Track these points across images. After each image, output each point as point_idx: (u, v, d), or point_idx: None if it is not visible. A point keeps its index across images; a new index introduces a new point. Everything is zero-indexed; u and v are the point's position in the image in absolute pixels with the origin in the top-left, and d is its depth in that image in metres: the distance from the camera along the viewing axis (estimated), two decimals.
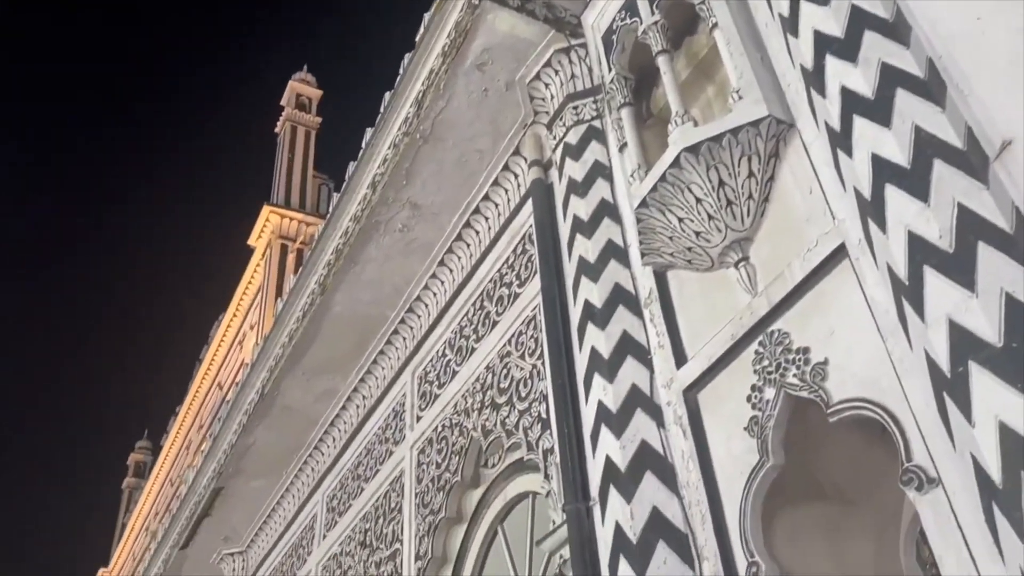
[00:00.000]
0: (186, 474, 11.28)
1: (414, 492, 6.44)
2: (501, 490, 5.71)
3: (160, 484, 19.17)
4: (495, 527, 5.75)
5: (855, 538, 3.47)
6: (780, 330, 3.41)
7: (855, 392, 3.00)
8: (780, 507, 3.40)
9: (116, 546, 23.34)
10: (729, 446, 3.51)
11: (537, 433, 5.01)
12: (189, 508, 9.72)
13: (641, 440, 3.89)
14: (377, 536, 6.84)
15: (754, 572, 3.20)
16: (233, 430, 8.68)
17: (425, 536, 6.04)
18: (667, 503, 3.68)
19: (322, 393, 8.05)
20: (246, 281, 15.92)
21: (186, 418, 18.22)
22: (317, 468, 8.53)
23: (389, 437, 7.25)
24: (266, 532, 9.43)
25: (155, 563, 10.95)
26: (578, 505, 4.15)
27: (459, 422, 6.08)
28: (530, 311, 5.54)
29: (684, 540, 3.57)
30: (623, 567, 3.61)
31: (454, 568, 5.89)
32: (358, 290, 7.10)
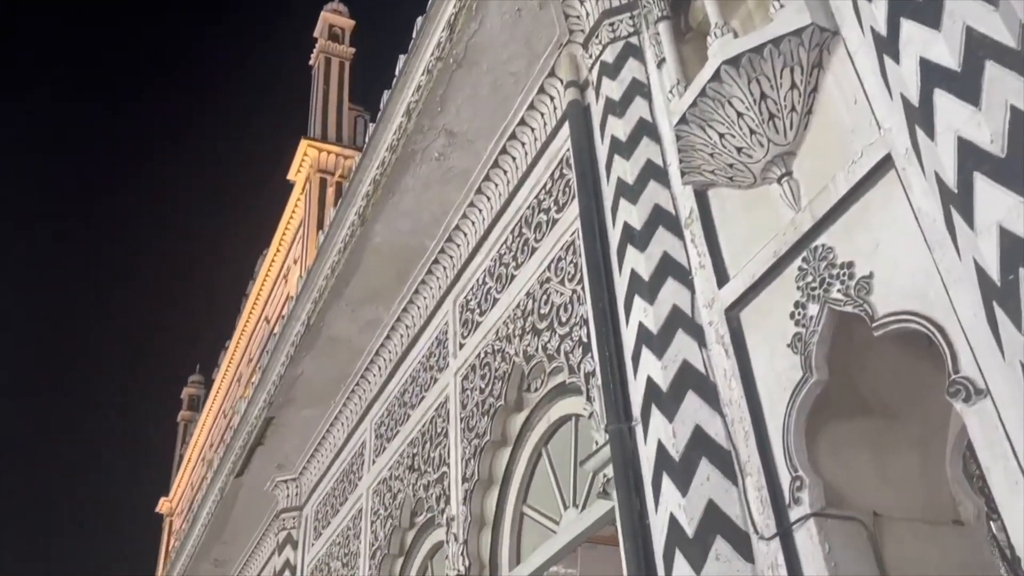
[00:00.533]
0: (238, 405, 11.60)
1: (459, 417, 6.55)
2: (544, 413, 5.78)
3: (214, 416, 19.78)
4: (539, 449, 5.84)
5: (900, 452, 3.46)
6: (824, 245, 3.35)
7: (901, 305, 2.95)
8: (824, 422, 3.40)
9: (175, 476, 24.28)
10: (772, 363, 3.49)
11: (578, 357, 5.04)
12: (242, 438, 10.02)
13: (683, 360, 3.89)
14: (425, 460, 7.00)
15: (798, 486, 3.22)
16: (281, 362, 8.87)
17: (471, 459, 6.17)
18: (709, 421, 3.70)
19: (366, 323, 8.16)
20: (288, 216, 16.06)
21: (235, 352, 18.67)
22: (364, 397, 8.71)
23: (433, 365, 7.35)
24: (317, 459, 9.70)
25: (212, 491, 11.37)
26: (620, 426, 4.19)
27: (501, 348, 6.13)
28: (569, 236, 5.51)
29: (727, 457, 3.59)
30: (666, 484, 3.66)
31: (500, 489, 6.01)
32: (397, 220, 7.12)
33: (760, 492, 3.38)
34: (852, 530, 3.16)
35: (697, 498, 3.50)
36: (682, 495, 3.55)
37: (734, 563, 3.33)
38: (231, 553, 12.22)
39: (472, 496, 6.03)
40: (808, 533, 3.14)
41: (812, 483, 3.19)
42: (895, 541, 3.21)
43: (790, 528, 3.21)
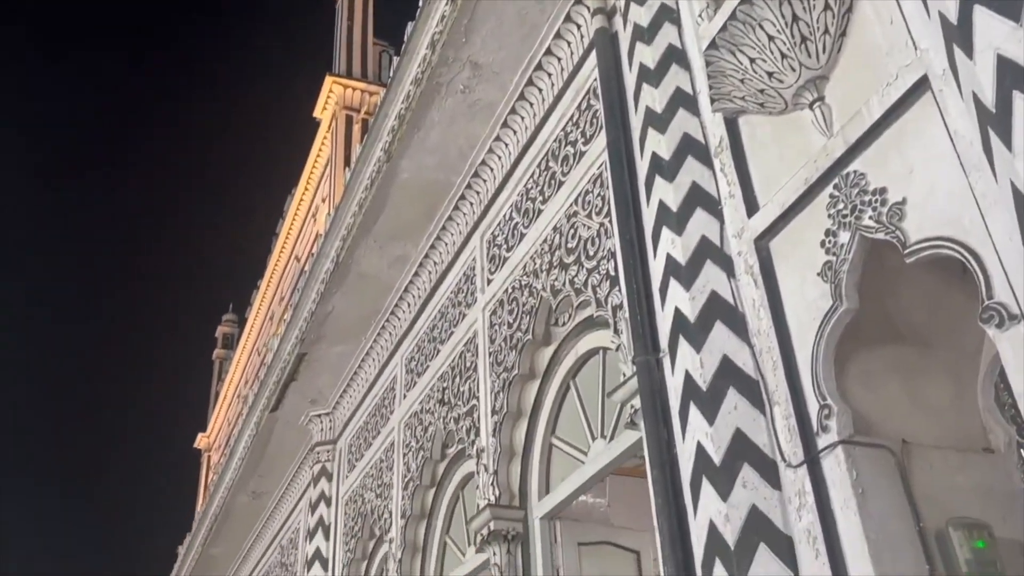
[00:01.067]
0: (271, 343, 11.78)
1: (488, 351, 6.61)
2: (572, 347, 5.81)
3: (247, 354, 20.13)
4: (567, 382, 5.88)
5: (931, 380, 3.44)
6: (856, 171, 3.28)
7: (934, 231, 2.90)
8: (853, 351, 3.38)
9: (211, 413, 24.86)
10: (802, 292, 3.46)
11: (606, 290, 5.03)
12: (276, 374, 10.20)
13: (711, 291, 3.86)
14: (455, 394, 7.09)
15: (826, 414, 3.22)
16: (312, 299, 8.96)
17: (500, 392, 6.23)
18: (737, 351, 3.69)
19: (395, 260, 8.19)
20: (314, 154, 16.04)
21: (267, 291, 18.88)
22: (394, 333, 8.79)
23: (461, 300, 7.39)
24: (350, 394, 9.86)
25: (248, 426, 11.63)
26: (648, 357, 4.20)
27: (528, 283, 6.13)
28: (596, 169, 5.45)
29: (755, 386, 3.59)
30: (693, 414, 3.67)
31: (529, 421, 6.09)
32: (423, 156, 7.09)
33: (788, 421, 3.39)
34: (880, 457, 3.17)
35: (724, 427, 3.52)
36: (709, 424, 3.56)
37: (761, 490, 3.35)
38: (268, 485, 12.55)
39: (501, 428, 6.12)
40: (836, 460, 3.15)
41: (840, 411, 3.19)
42: (924, 468, 3.21)
43: (818, 456, 3.22)
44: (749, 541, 3.26)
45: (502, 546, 5.70)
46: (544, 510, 5.71)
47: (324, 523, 9.88)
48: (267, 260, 19.26)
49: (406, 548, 7.50)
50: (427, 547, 7.48)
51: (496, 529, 5.74)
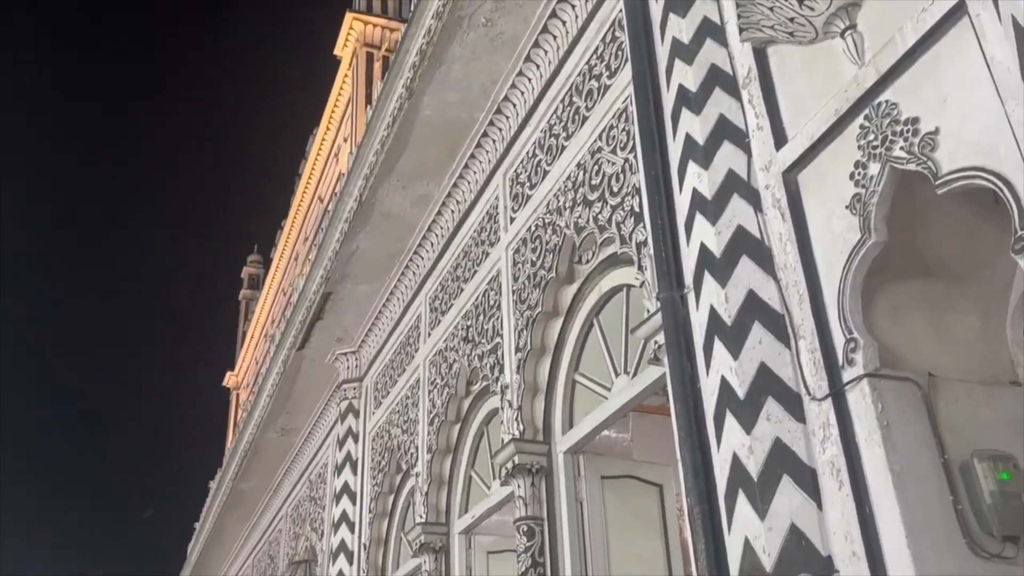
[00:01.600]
0: (296, 282, 11.87)
1: (511, 290, 6.62)
2: (596, 284, 5.80)
3: (273, 294, 20.32)
4: (591, 319, 5.90)
5: (959, 313, 3.41)
6: (888, 101, 3.20)
7: (967, 161, 2.84)
8: (881, 284, 3.34)
9: (239, 352, 25.24)
10: (830, 226, 3.42)
11: (630, 227, 5.00)
12: (302, 313, 10.31)
13: (737, 225, 3.83)
14: (479, 332, 7.14)
15: (852, 348, 3.21)
16: (336, 238, 9.00)
17: (524, 330, 6.26)
18: (763, 286, 3.67)
19: (418, 199, 8.18)
20: (336, 93, 15.90)
21: (291, 232, 18.96)
22: (418, 272, 8.83)
23: (484, 239, 7.38)
24: (375, 333, 9.96)
25: (275, 364, 11.81)
26: (672, 293, 4.18)
27: (552, 221, 6.11)
28: (621, 103, 5.38)
29: (780, 321, 3.58)
30: (718, 348, 3.67)
31: (552, 358, 6.13)
32: (445, 92, 7.01)
33: (813, 354, 3.38)
34: (906, 390, 3.16)
35: (749, 361, 3.52)
36: (734, 358, 3.56)
37: (785, 423, 3.36)
38: (296, 422, 12.80)
39: (525, 365, 6.17)
40: (861, 393, 3.15)
41: (866, 344, 3.18)
42: (949, 401, 3.20)
43: (843, 389, 3.22)
44: (772, 472, 3.28)
45: (526, 479, 5.79)
46: (567, 444, 5.78)
47: (352, 458, 10.09)
48: (291, 201, 19.29)
49: (432, 481, 7.65)
50: (452, 480, 7.63)
51: (520, 463, 5.82)
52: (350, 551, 9.57)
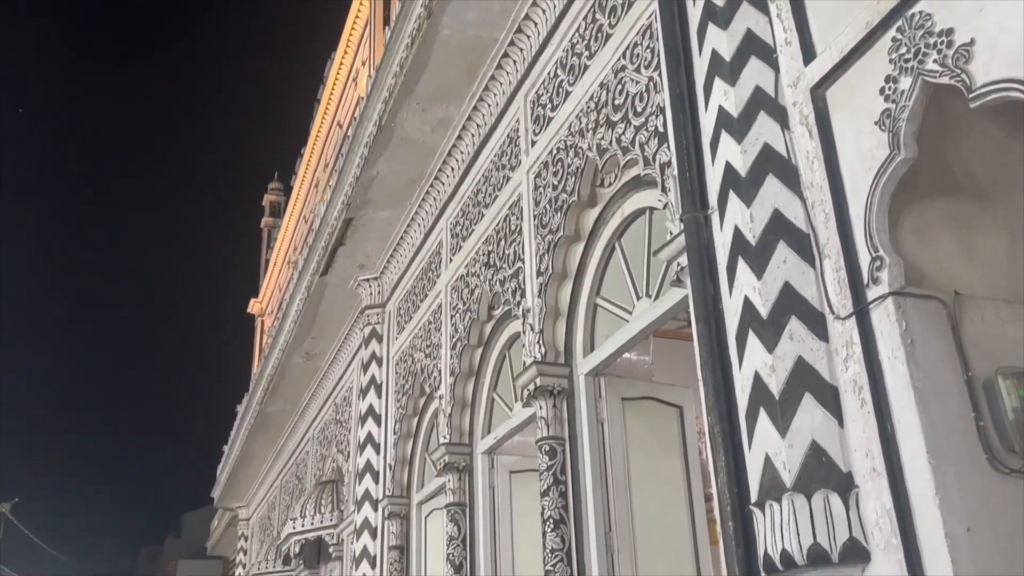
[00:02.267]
0: (318, 208, 11.89)
1: (532, 214, 6.60)
2: (618, 207, 5.76)
3: (295, 222, 20.35)
4: (612, 243, 5.88)
5: (988, 233, 3.36)
6: (922, 12, 3.10)
7: (1003, 73, 2.76)
8: (909, 203, 3.30)
9: (263, 279, 25.46)
10: (858, 142, 3.36)
11: (654, 147, 4.93)
12: (324, 239, 10.35)
13: (764, 143, 3.77)
14: (500, 257, 7.14)
15: (877, 266, 3.18)
16: (356, 163, 8.96)
17: (545, 254, 6.26)
18: (789, 205, 3.63)
19: (437, 123, 8.10)
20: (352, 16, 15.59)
21: (311, 158, 18.89)
22: (439, 197, 8.80)
23: (505, 163, 7.32)
24: (397, 259, 9.99)
25: (299, 290, 11.92)
26: (696, 214, 4.15)
27: (574, 143, 6.04)
28: (646, 19, 5.24)
29: (805, 240, 3.55)
30: (741, 268, 3.66)
31: (574, 282, 6.13)
32: (465, 11, 6.87)
33: (838, 273, 3.36)
34: (931, 308, 3.14)
35: (773, 280, 3.51)
36: (757, 278, 3.55)
37: (808, 342, 3.37)
38: (320, 347, 12.97)
39: (547, 289, 6.18)
40: (885, 312, 3.13)
41: (892, 263, 3.15)
42: (974, 320, 3.19)
43: (867, 307, 3.21)
44: (794, 391, 3.30)
45: (548, 401, 5.87)
46: (589, 367, 5.83)
47: (376, 382, 10.24)
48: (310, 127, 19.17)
49: (455, 403, 7.77)
50: (475, 403, 7.74)
51: (542, 385, 5.89)
52: (376, 471, 9.80)
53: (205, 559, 36.54)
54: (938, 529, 2.81)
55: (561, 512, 5.60)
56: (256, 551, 19.06)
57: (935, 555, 2.82)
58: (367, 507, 9.75)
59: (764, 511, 3.25)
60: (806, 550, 3.05)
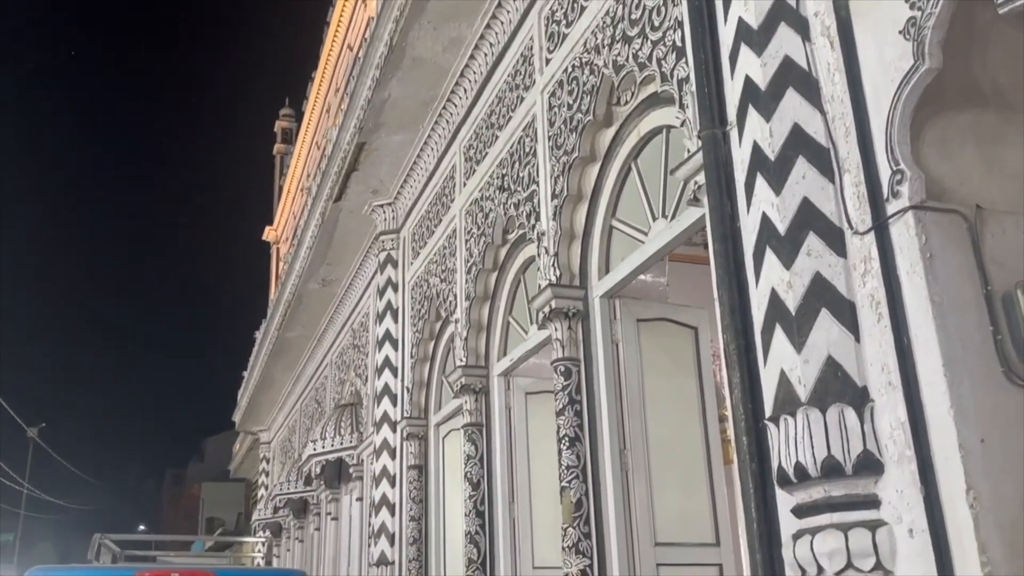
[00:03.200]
0: (330, 133, 11.79)
1: (547, 135, 6.52)
2: (635, 126, 5.68)
3: (307, 148, 20.24)
4: (628, 164, 5.82)
5: (1012, 145, 3.29)
6: None
7: None
8: (932, 116, 3.23)
9: (277, 207, 25.49)
10: (881, 53, 3.27)
11: (672, 63, 4.83)
12: (337, 164, 10.29)
13: (784, 56, 3.67)
14: (514, 180, 7.09)
15: (898, 180, 3.14)
16: (368, 86, 8.84)
17: (560, 176, 6.21)
18: (809, 119, 3.56)
19: (449, 42, 7.95)
20: None
21: (322, 83, 18.67)
22: (452, 120, 8.70)
23: (519, 83, 7.21)
24: (411, 184, 9.94)
25: (314, 216, 11.92)
26: (714, 130, 4.09)
27: (589, 60, 5.92)
28: None
29: (825, 155, 3.49)
30: (759, 185, 3.61)
31: (589, 204, 6.10)
32: None
33: (858, 188, 3.32)
34: (951, 222, 3.11)
35: (791, 196, 3.47)
36: (776, 194, 3.51)
37: (826, 257, 3.35)
38: (336, 273, 13.03)
39: (561, 211, 6.15)
40: (905, 226, 3.10)
41: (913, 176, 3.10)
42: (996, 233, 3.15)
43: (886, 222, 3.17)
44: (811, 306, 3.30)
45: (563, 323, 5.89)
46: (604, 289, 5.84)
47: (392, 307, 10.32)
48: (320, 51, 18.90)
49: (471, 327, 7.83)
50: (491, 326, 7.80)
51: (557, 307, 5.91)
52: (394, 394, 9.95)
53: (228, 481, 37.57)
54: (952, 440, 2.84)
55: (576, 430, 5.68)
56: (278, 473, 19.53)
57: (947, 466, 2.85)
58: (386, 429, 9.92)
59: (779, 426, 3.28)
60: (820, 462, 3.09)
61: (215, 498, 42.07)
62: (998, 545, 2.73)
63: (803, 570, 3.15)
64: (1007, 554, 2.73)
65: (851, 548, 2.99)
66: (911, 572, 2.90)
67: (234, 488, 37.68)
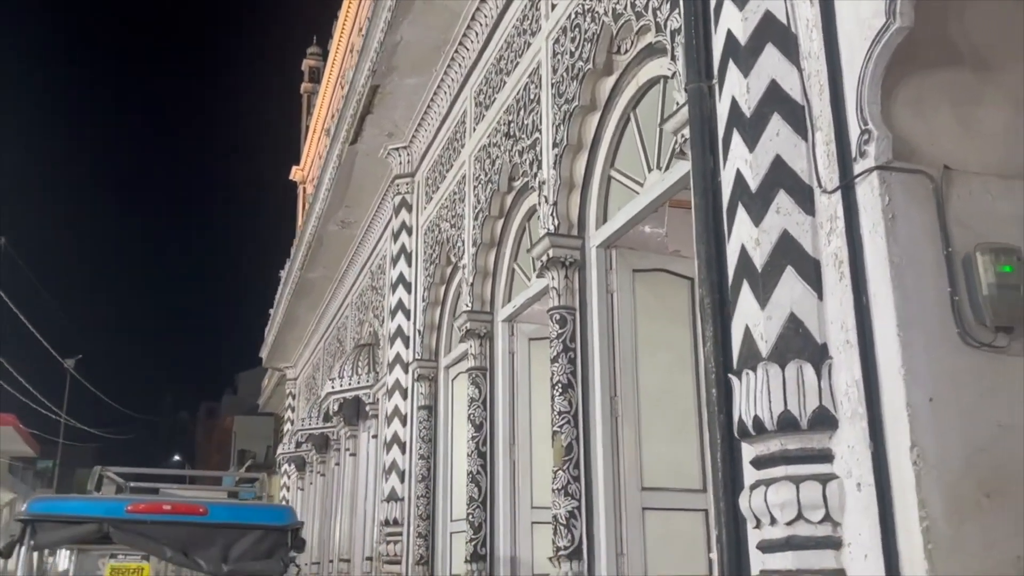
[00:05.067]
0: (347, 74, 11.80)
1: (550, 83, 6.51)
2: (633, 76, 5.66)
3: (332, 88, 20.22)
4: (627, 113, 5.81)
5: (986, 105, 3.28)
6: None
7: None
8: (906, 74, 3.22)
9: (304, 146, 25.60)
10: (857, 10, 3.25)
11: (666, 13, 4.80)
12: (352, 106, 10.33)
13: (765, 11, 3.64)
14: (519, 127, 7.10)
15: (865, 139, 3.15)
16: (380, 28, 8.83)
17: (561, 124, 6.22)
18: (786, 76, 3.55)
19: None
20: None
21: (346, 22, 18.55)
22: (463, 64, 8.68)
23: (526, 28, 7.17)
24: (424, 128, 9.97)
25: (331, 159, 12.01)
26: (700, 84, 4.09)
27: (591, 8, 5.88)
28: None
29: (800, 112, 3.49)
30: (735, 140, 3.63)
31: (589, 153, 6.11)
32: None
33: (828, 147, 3.33)
34: (916, 183, 3.11)
35: (764, 153, 3.48)
36: (749, 151, 3.52)
37: (794, 215, 3.37)
38: (355, 215, 13.16)
39: (561, 160, 6.17)
40: (870, 186, 3.12)
41: (880, 136, 3.11)
42: (962, 195, 3.15)
43: (853, 181, 3.19)
44: (776, 264, 3.34)
45: (560, 272, 5.97)
46: (601, 239, 5.89)
47: (406, 250, 10.44)
48: None
49: (477, 273, 7.93)
50: (496, 272, 7.89)
51: (555, 256, 5.98)
52: (406, 336, 10.13)
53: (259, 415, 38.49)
54: (900, 399, 2.90)
55: (569, 377, 5.80)
56: (303, 409, 20.01)
57: (895, 423, 2.91)
58: (398, 369, 10.13)
59: (741, 379, 3.36)
60: (776, 416, 3.17)
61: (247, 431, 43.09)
62: (939, 501, 2.81)
63: (758, 519, 3.26)
64: (947, 510, 2.81)
65: (802, 500, 3.09)
66: (857, 525, 2.99)
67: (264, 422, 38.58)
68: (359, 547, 12.81)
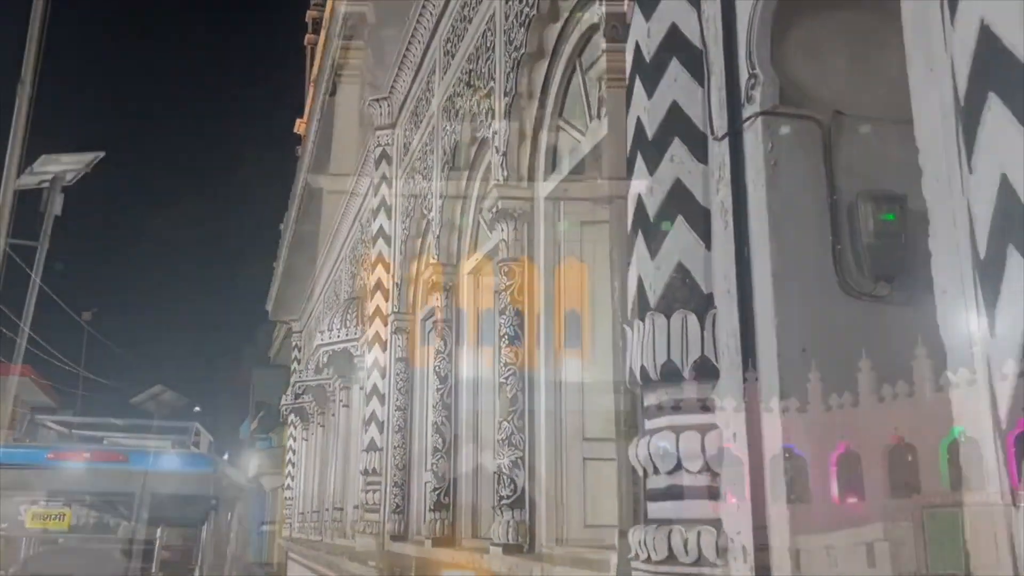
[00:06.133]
0: None
1: (503, 29, 6.39)
2: (576, 23, 5.55)
3: None
4: (573, 61, 5.70)
5: (884, 47, 3.14)
6: None
7: None
8: (800, 18, 3.13)
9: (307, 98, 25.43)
10: None
11: None
12: (330, 58, 10.24)
13: None
14: (478, 76, 7.00)
15: (752, 84, 3.07)
16: None
17: (511, 72, 6.12)
18: (687, 19, 3.45)
19: None
20: None
21: None
22: (434, 12, 8.53)
23: None
24: (402, 79, 9.85)
25: (315, 111, 11.95)
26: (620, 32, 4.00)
27: None
28: None
29: (699, 58, 3.40)
30: (637, 88, 3.54)
31: (539, 102, 6.02)
32: None
33: (720, 92, 3.25)
34: (803, 129, 3.04)
35: (661, 100, 3.40)
36: (648, 97, 3.45)
37: (687, 164, 3.31)
38: (343, 167, 13.11)
39: (512, 110, 6.09)
40: (755, 132, 3.05)
41: (767, 81, 3.03)
42: (851, 141, 3.07)
43: (740, 128, 3.12)
44: (667, 214, 3.28)
45: (509, 223, 5.93)
46: (548, 190, 5.83)
47: (386, 203, 10.41)
48: None
49: (443, 226, 7.90)
50: (462, 226, 7.86)
51: (504, 208, 5.94)
52: (386, 288, 10.15)
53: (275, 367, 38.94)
54: (772, 349, 2.87)
55: (516, 329, 5.79)
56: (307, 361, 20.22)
57: (768, 373, 2.89)
58: (378, 322, 10.19)
59: (633, 330, 3.33)
60: (659, 367, 3.14)
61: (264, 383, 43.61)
62: (807, 448, 2.79)
63: (644, 469, 3.26)
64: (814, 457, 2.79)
65: (681, 450, 3.08)
66: (731, 474, 2.99)
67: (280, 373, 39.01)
68: (351, 496, 13.03)
